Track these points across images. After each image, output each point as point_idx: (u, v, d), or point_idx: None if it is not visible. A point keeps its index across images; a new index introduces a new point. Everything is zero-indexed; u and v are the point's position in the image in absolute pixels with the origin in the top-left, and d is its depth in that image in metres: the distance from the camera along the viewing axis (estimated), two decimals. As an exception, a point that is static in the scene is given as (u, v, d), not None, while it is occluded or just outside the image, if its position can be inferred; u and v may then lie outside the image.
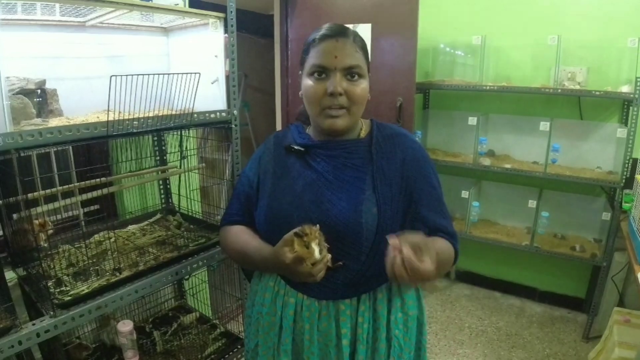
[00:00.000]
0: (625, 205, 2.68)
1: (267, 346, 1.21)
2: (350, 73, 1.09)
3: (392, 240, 0.91)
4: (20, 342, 1.23)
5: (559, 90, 2.84)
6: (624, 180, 2.71)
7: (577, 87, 2.86)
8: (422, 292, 1.28)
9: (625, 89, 2.72)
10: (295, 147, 1.20)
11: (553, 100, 3.13)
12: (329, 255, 1.03)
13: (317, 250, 0.99)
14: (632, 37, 2.69)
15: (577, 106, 3.06)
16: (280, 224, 1.11)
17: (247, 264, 1.29)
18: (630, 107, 2.66)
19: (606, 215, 2.85)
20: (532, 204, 3.06)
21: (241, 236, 1.24)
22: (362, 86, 1.11)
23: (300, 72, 1.18)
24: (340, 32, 1.10)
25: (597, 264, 2.90)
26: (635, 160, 2.63)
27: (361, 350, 1.14)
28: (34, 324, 1.29)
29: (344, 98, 1.09)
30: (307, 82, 1.12)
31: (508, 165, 3.11)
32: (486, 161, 3.16)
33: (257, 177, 1.25)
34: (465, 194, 3.18)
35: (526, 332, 3.05)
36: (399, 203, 1.13)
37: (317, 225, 1.03)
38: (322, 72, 1.09)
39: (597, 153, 2.98)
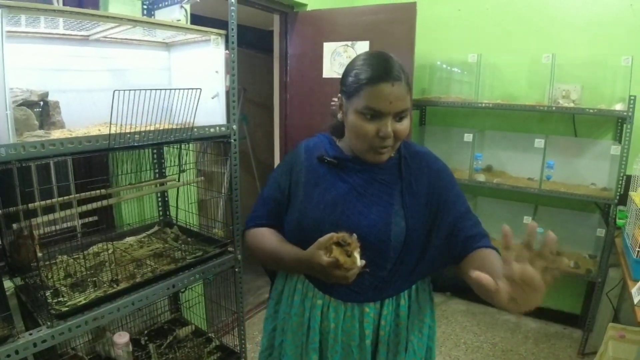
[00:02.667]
0: (620, 222, 2.71)
1: (295, 345, 1.28)
2: (400, 116, 1.12)
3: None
4: (17, 352, 1.24)
5: (554, 108, 2.89)
6: (618, 197, 2.74)
7: (572, 104, 2.90)
8: (433, 299, 1.34)
9: (619, 106, 2.77)
10: (329, 159, 1.25)
11: (548, 117, 3.18)
12: (364, 262, 1.07)
13: (359, 258, 1.05)
14: (626, 55, 2.74)
15: (572, 123, 3.11)
16: (312, 231, 1.16)
17: (276, 264, 1.34)
18: (624, 125, 2.71)
19: (601, 232, 2.88)
20: (527, 219, 3.08)
21: (271, 237, 1.30)
22: (406, 124, 1.14)
23: (343, 97, 1.18)
24: (395, 76, 1.08)
25: (592, 280, 2.91)
26: (629, 177, 2.66)
27: (382, 351, 1.20)
28: (30, 334, 1.29)
29: (391, 139, 1.12)
30: (358, 120, 1.12)
31: (500, 181, 3.14)
32: (481, 177, 3.18)
33: (289, 184, 1.29)
34: (461, 210, 3.20)
35: (522, 348, 3.05)
36: (425, 217, 1.20)
37: (354, 234, 1.07)
38: (375, 115, 1.10)
39: (591, 170, 3.02)
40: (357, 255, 1.05)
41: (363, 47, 3.00)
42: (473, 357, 2.94)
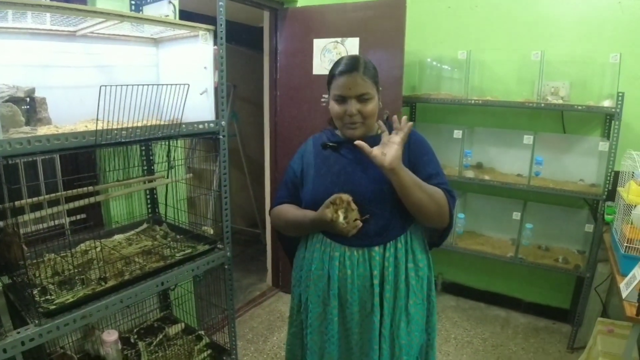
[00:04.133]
0: (608, 217, 2.73)
1: (317, 295, 1.55)
2: (362, 98, 1.45)
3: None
4: (5, 350, 1.23)
5: (542, 105, 2.90)
6: (606, 193, 2.76)
7: (560, 101, 2.92)
8: (430, 254, 1.64)
9: (607, 103, 2.79)
10: (330, 144, 1.59)
11: (537, 114, 3.19)
12: (357, 216, 1.41)
13: (342, 216, 1.40)
14: (614, 52, 2.75)
15: (560, 120, 3.13)
16: (324, 198, 1.45)
17: (298, 228, 1.62)
18: (612, 121, 2.73)
19: (589, 227, 2.90)
20: (516, 215, 3.10)
21: (290, 210, 1.61)
22: (371, 105, 1.48)
23: (328, 92, 1.56)
24: (352, 68, 1.45)
25: (581, 275, 2.94)
26: (617, 173, 2.68)
27: (388, 289, 1.48)
28: (18, 332, 1.28)
29: (358, 116, 1.47)
30: (333, 105, 1.51)
31: (489, 177, 3.16)
32: (470, 173, 3.20)
33: (301, 168, 1.63)
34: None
35: (512, 343, 3.07)
36: None
37: (347, 195, 1.41)
38: (342, 99, 1.47)
39: (579, 166, 3.04)
40: (340, 213, 1.40)
41: (353, 43, 2.99)
42: (463, 352, 2.96)
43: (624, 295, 1.81)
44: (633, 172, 2.23)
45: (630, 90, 2.73)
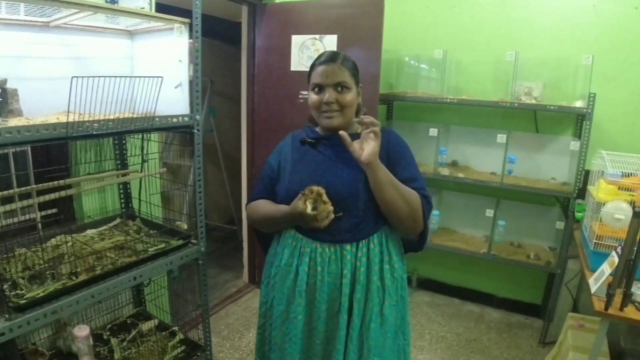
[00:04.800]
0: (578, 215, 2.80)
1: (282, 292, 1.53)
2: (339, 87, 1.46)
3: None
4: (-29, 345, 1.20)
5: (516, 104, 2.95)
6: (577, 191, 2.83)
7: (534, 101, 2.97)
8: (405, 259, 1.62)
9: (579, 104, 2.85)
10: (308, 140, 1.58)
11: (510, 113, 3.25)
12: (330, 208, 1.40)
13: (310, 207, 1.37)
14: (587, 54, 2.81)
15: (534, 120, 3.19)
16: (298, 193, 1.43)
17: (272, 223, 1.60)
18: (584, 122, 2.79)
19: (560, 225, 2.97)
20: (489, 213, 3.15)
21: (266, 204, 1.60)
22: (349, 95, 1.48)
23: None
24: (331, 59, 1.48)
25: (552, 271, 3.01)
26: (587, 172, 2.74)
27: (359, 290, 1.46)
28: (-13, 327, 1.26)
29: (336, 105, 1.46)
30: (311, 95, 1.51)
31: (463, 175, 3.21)
32: (445, 171, 3.24)
33: (278, 163, 1.62)
34: (426, 203, 3.25)
35: (485, 338, 3.13)
36: None
37: (317, 187, 1.39)
38: (319, 88, 1.48)
39: (551, 165, 3.11)
40: (308, 204, 1.37)
41: (331, 40, 3.00)
42: (437, 347, 3.00)
43: (592, 290, 1.86)
44: (603, 171, 2.29)
45: (601, 91, 2.80)
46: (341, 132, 1.36)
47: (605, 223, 2.12)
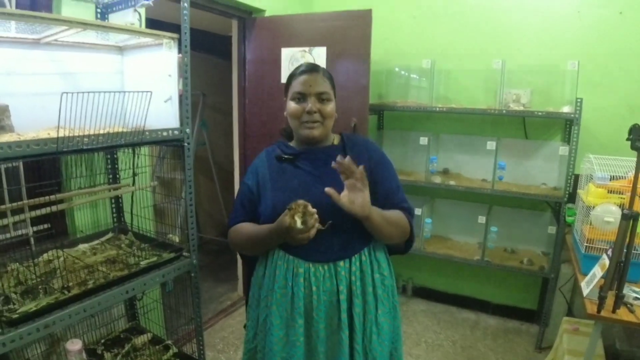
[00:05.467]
0: (569, 219, 2.82)
1: (280, 315, 1.46)
2: (321, 97, 1.46)
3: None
4: (-36, 361, 1.20)
5: (504, 111, 2.99)
6: (567, 195, 2.86)
7: (522, 108, 3.01)
8: (391, 261, 1.60)
9: (566, 109, 2.89)
10: (285, 156, 1.54)
11: (499, 120, 3.29)
12: (316, 217, 1.32)
13: (299, 221, 1.30)
14: (572, 60, 2.85)
15: (522, 126, 3.23)
16: (283, 211, 1.36)
17: (257, 245, 1.52)
18: (572, 127, 2.83)
19: (552, 229, 2.99)
20: (481, 219, 3.17)
21: (248, 226, 1.54)
22: (330, 106, 1.49)
23: (285, 98, 1.54)
24: (313, 69, 1.49)
25: (546, 276, 3.03)
26: (577, 176, 2.78)
27: (357, 304, 1.43)
28: (-21, 342, 1.26)
29: (318, 115, 1.46)
30: (291, 104, 1.49)
31: (454, 183, 3.23)
32: (437, 179, 3.27)
33: (257, 183, 1.55)
34: (418, 211, 3.26)
35: (481, 345, 3.13)
36: (369, 189, 1.41)
37: (301, 201, 1.32)
38: (301, 97, 1.46)
39: (541, 170, 3.14)
40: (297, 218, 1.30)
41: (320, 52, 3.04)
42: (433, 355, 3.00)
43: (585, 293, 1.87)
44: (591, 175, 2.31)
45: (588, 96, 2.84)
46: (327, 189, 1.30)
47: (595, 226, 2.14)
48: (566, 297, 2.98)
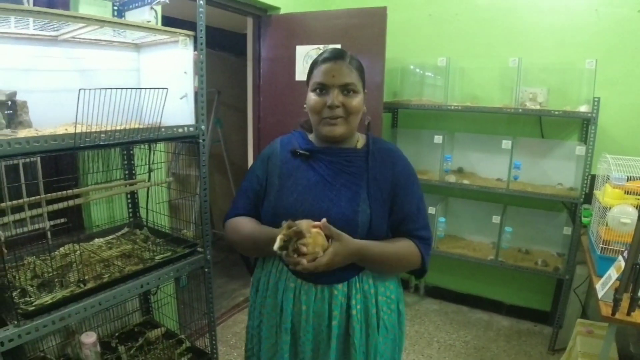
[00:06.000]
0: (585, 220, 2.79)
1: (270, 324, 1.37)
2: (346, 89, 1.29)
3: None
4: (-17, 351, 1.23)
5: (520, 110, 2.96)
6: (583, 196, 2.83)
7: (538, 107, 2.98)
8: (401, 284, 1.47)
9: (583, 108, 2.85)
10: (301, 152, 1.38)
11: (515, 119, 3.26)
12: (308, 256, 1.17)
13: (278, 244, 1.15)
14: (590, 59, 2.83)
15: (539, 125, 3.20)
16: (286, 216, 1.24)
17: (253, 246, 1.39)
18: (589, 126, 2.79)
19: (567, 230, 2.96)
20: (496, 219, 3.15)
21: (247, 223, 1.40)
22: (356, 100, 1.30)
23: (307, 88, 1.38)
24: (338, 56, 1.31)
25: (560, 278, 2.99)
26: (593, 177, 2.74)
27: (357, 328, 1.29)
28: (-3, 333, 1.28)
29: (341, 110, 1.29)
30: (311, 96, 1.32)
31: (469, 182, 3.21)
32: (451, 178, 3.25)
33: (266, 175, 1.42)
34: (432, 210, 3.25)
35: (493, 346, 3.10)
36: (386, 205, 1.33)
37: (305, 222, 1.19)
38: (322, 88, 1.30)
39: (558, 170, 3.11)
40: (277, 241, 1.15)
41: (335, 50, 3.03)
42: (445, 355, 2.99)
43: (599, 295, 1.85)
44: (608, 175, 2.29)
45: (606, 95, 2.80)
46: (322, 224, 1.18)
47: (611, 227, 2.11)
48: (581, 299, 2.94)
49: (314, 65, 1.35)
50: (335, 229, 1.21)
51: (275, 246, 1.15)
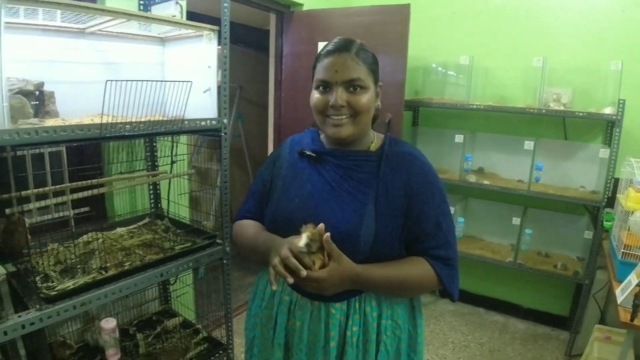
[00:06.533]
0: (607, 224, 2.75)
1: (264, 338, 1.27)
2: (352, 85, 1.14)
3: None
4: (5, 333, 1.27)
5: (544, 111, 2.92)
6: (605, 200, 2.78)
7: (562, 108, 2.94)
8: (418, 306, 1.30)
9: (608, 110, 2.81)
10: (307, 153, 1.26)
11: (538, 120, 3.22)
12: (320, 261, 1.07)
13: (303, 242, 1.05)
14: (616, 60, 2.78)
15: (562, 126, 3.15)
16: (284, 224, 1.18)
17: (254, 252, 1.29)
18: (613, 128, 2.75)
19: (589, 234, 2.92)
20: (516, 221, 3.12)
21: (252, 228, 1.31)
22: (365, 97, 1.15)
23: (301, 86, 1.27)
24: (342, 47, 1.16)
25: (580, 282, 2.95)
26: (616, 180, 2.70)
27: (350, 353, 1.15)
28: (19, 316, 1.32)
29: (346, 109, 1.14)
30: (314, 94, 1.19)
31: (489, 182, 3.18)
32: (471, 178, 3.22)
33: (271, 177, 1.32)
34: (451, 210, 3.23)
35: (509, 349, 3.08)
36: (397, 219, 1.16)
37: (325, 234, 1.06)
38: (325, 85, 1.16)
39: (580, 172, 3.06)
40: (305, 236, 1.05)
41: (357, 47, 3.03)
42: (460, 356, 2.97)
43: (619, 300, 1.83)
44: (632, 179, 2.25)
45: (631, 97, 2.76)
46: (326, 239, 1.04)
47: (633, 232, 2.08)
48: (599, 305, 2.90)
49: (317, 60, 1.21)
50: (337, 248, 1.07)
51: (302, 242, 1.04)
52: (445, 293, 1.23)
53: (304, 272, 1.02)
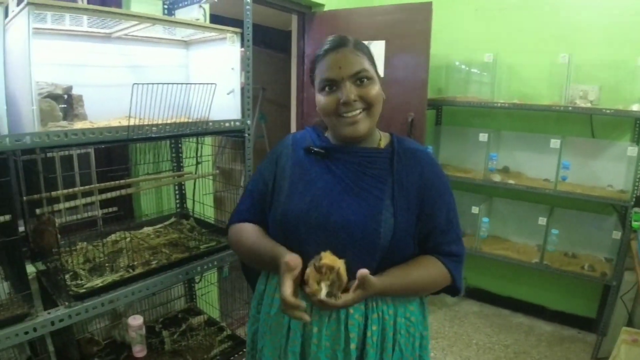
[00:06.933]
0: (635, 224, 2.68)
1: (274, 347, 1.19)
2: (359, 78, 1.12)
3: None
4: (35, 329, 1.30)
5: (570, 108, 2.87)
6: (634, 199, 2.71)
7: (589, 105, 2.88)
8: (426, 303, 1.30)
9: (636, 107, 2.74)
10: (316, 149, 1.22)
11: (564, 117, 3.16)
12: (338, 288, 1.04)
13: (325, 290, 1.03)
14: (644, 56, 2.71)
15: (589, 124, 3.09)
16: (297, 225, 1.14)
17: (255, 260, 1.26)
18: (642, 126, 2.69)
19: (617, 234, 2.85)
20: (542, 221, 3.07)
21: (251, 233, 1.25)
22: (374, 88, 1.13)
23: (313, 90, 1.22)
24: (339, 43, 1.14)
25: (607, 284, 2.89)
26: (645, 179, 2.64)
27: (371, 352, 1.13)
28: (49, 313, 1.36)
29: (359, 103, 1.12)
30: (320, 97, 1.15)
31: (514, 182, 3.14)
32: (496, 177, 3.18)
33: (274, 176, 1.26)
34: (475, 209, 3.20)
35: (535, 351, 3.03)
36: (413, 214, 1.16)
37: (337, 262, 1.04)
38: (331, 85, 1.13)
39: (608, 171, 3.00)
40: (324, 285, 1.02)
41: (379, 46, 3.03)
42: (484, 358, 2.94)
43: (647, 302, 1.79)
44: (661, 178, 2.20)
45: (660, 94, 2.68)
46: (361, 273, 1.02)
47: (663, 232, 2.03)
48: (627, 307, 2.83)
49: (315, 62, 1.18)
50: (368, 275, 1.04)
51: (322, 294, 1.01)
52: (449, 289, 1.26)
53: (323, 297, 1.02)
